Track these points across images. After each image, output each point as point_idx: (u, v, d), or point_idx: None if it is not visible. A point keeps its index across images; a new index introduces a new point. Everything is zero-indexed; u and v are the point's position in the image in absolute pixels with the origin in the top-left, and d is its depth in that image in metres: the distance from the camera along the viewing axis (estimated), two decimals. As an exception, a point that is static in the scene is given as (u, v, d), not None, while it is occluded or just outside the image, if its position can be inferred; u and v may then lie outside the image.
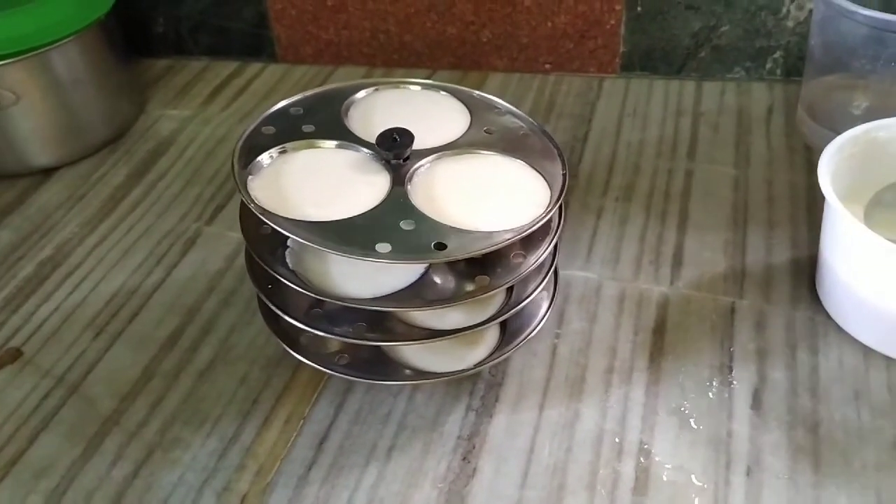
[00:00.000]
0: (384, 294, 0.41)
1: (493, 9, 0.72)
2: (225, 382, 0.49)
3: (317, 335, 0.43)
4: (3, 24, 0.64)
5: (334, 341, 0.45)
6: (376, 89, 0.51)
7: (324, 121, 0.48)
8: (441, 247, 0.39)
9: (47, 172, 0.68)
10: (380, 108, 0.50)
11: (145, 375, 0.49)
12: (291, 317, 0.44)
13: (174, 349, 0.51)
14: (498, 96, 0.52)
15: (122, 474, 0.44)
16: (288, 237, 0.41)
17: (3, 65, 0.62)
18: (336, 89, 0.51)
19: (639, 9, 0.69)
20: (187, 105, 0.76)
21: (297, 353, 0.46)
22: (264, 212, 0.41)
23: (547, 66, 0.74)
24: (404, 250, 0.39)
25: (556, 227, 0.43)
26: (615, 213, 0.58)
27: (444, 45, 0.75)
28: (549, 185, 0.44)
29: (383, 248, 0.39)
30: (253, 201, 0.42)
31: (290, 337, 0.46)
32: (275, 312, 0.44)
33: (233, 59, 0.81)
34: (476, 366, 0.44)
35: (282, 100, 0.49)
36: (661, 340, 0.48)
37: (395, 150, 0.44)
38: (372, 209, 0.42)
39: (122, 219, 0.63)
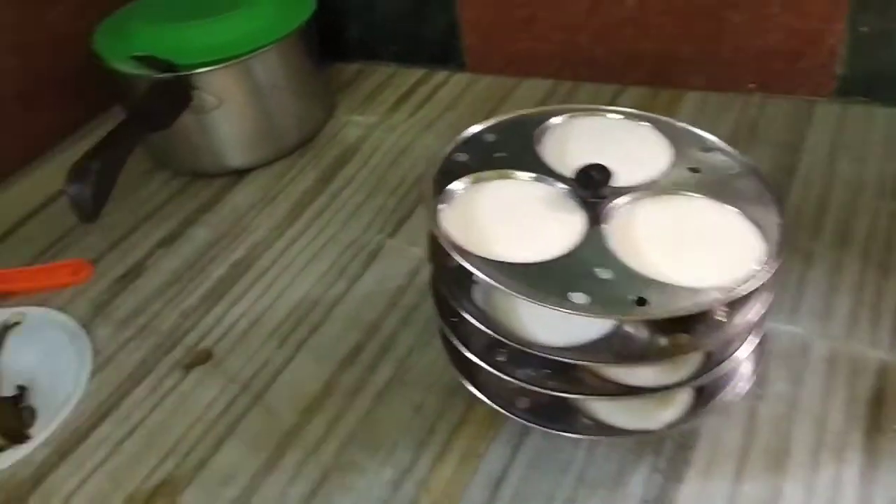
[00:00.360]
0: (574, 344, 0.39)
1: (696, 23, 0.67)
2: (401, 407, 0.48)
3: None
4: (209, 31, 0.66)
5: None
6: (571, 116, 0.49)
7: (516, 149, 0.46)
8: (641, 302, 0.36)
9: (241, 173, 0.71)
10: (574, 137, 0.47)
11: (325, 391, 0.50)
12: (473, 352, 0.43)
13: (354, 366, 0.51)
14: (694, 116, 0.48)
15: (300, 493, 0.44)
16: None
17: (208, 71, 0.64)
18: (529, 115, 0.49)
19: (864, 28, 0.63)
20: (374, 111, 0.76)
21: (476, 390, 0.44)
22: (455, 247, 0.40)
23: (751, 85, 0.69)
24: (601, 303, 0.37)
25: (768, 286, 0.39)
26: (827, 259, 0.52)
27: (638, 60, 0.71)
28: (762, 236, 0.40)
29: (579, 298, 0.37)
30: (445, 236, 0.40)
31: (469, 369, 0.45)
32: (455, 344, 0.44)
33: (420, 66, 0.81)
34: (667, 427, 0.41)
35: (475, 123, 0.48)
36: (879, 415, 0.43)
37: (592, 188, 0.42)
38: (567, 253, 0.39)
39: (308, 225, 0.64)
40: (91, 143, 0.53)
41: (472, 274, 0.42)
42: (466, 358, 0.44)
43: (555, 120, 0.48)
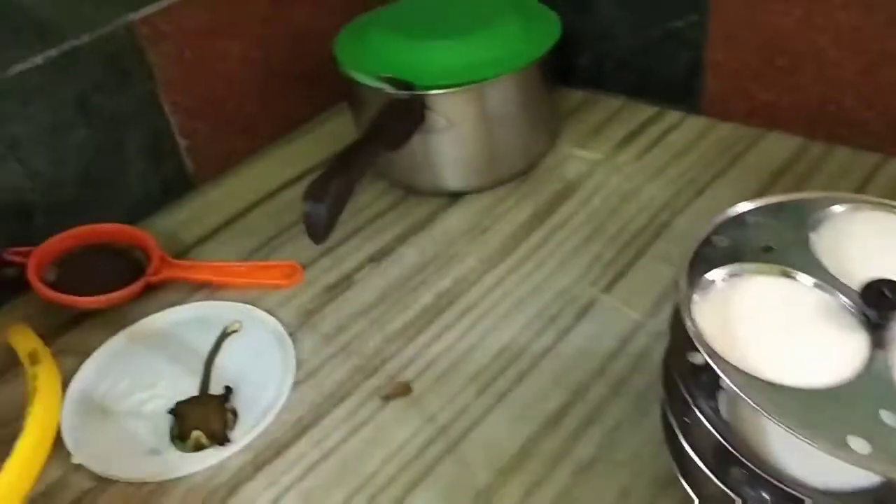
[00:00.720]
0: (832, 487, 0.34)
1: None
2: (605, 489, 0.45)
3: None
4: (452, 51, 0.65)
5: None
6: (856, 207, 0.43)
7: (787, 240, 0.41)
8: (938, 465, 0.31)
9: (456, 196, 0.69)
10: (859, 236, 0.41)
11: (523, 453, 0.48)
12: (699, 456, 0.39)
13: (555, 431, 0.49)
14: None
15: (491, 566, 0.42)
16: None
17: (444, 93, 0.63)
18: (803, 200, 0.44)
19: None
20: (598, 147, 0.73)
21: (696, 497, 0.40)
22: (711, 352, 0.36)
23: None
24: (887, 455, 0.31)
25: None
26: None
27: (913, 130, 0.63)
28: None
29: (859, 445, 0.32)
30: (699, 336, 0.36)
31: (686, 465, 0.41)
32: (683, 445, 0.40)
33: (651, 102, 0.76)
34: None
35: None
36: None
37: (882, 309, 0.36)
38: (845, 383, 0.34)
39: (519, 263, 0.62)
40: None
41: (719, 378, 0.38)
42: (686, 453, 0.40)
43: (834, 208, 0.43)
